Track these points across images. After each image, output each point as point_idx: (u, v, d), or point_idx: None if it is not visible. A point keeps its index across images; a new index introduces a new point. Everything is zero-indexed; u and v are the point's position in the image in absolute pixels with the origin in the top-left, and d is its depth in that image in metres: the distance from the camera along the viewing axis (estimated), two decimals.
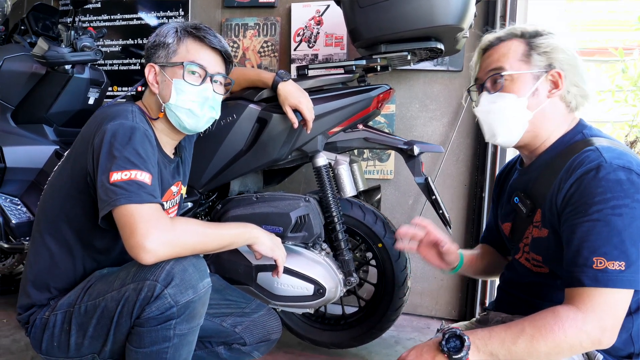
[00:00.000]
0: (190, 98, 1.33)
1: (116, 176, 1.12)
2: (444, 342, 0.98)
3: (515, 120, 1.12)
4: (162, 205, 1.20)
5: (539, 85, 1.10)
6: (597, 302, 0.93)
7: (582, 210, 0.96)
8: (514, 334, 0.96)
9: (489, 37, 1.18)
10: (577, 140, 1.09)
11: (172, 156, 1.44)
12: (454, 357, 0.96)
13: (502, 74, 1.12)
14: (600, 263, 0.93)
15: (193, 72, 1.33)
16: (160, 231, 1.11)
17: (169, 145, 1.42)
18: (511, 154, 2.35)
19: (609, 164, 0.96)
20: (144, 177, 1.15)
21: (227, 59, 1.41)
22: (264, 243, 1.39)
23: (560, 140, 1.12)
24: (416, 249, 1.34)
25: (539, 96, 1.10)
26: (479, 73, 1.20)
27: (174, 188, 1.44)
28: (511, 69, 1.11)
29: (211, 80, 1.36)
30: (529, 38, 1.11)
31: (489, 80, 1.14)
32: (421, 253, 1.34)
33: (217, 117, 1.43)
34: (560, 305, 0.97)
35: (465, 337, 0.96)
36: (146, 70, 1.35)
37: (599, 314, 0.92)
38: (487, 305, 1.38)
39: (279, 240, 1.45)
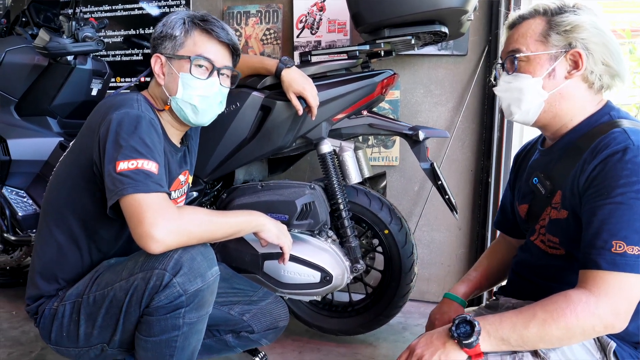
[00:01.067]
0: (197, 92, 1.32)
1: (123, 165, 1.12)
2: (454, 328, 0.97)
3: (530, 100, 1.11)
4: (169, 194, 1.20)
5: (557, 66, 1.08)
6: (611, 285, 0.91)
7: (605, 193, 0.94)
8: (525, 318, 0.95)
9: (514, 15, 1.16)
10: (603, 122, 1.06)
11: (179, 145, 1.44)
12: (464, 342, 0.95)
13: (517, 55, 1.11)
14: (620, 247, 0.91)
15: (200, 66, 1.33)
16: (167, 220, 1.11)
17: (176, 135, 1.42)
18: (517, 141, 2.34)
19: (636, 147, 0.94)
20: (151, 166, 1.15)
21: (234, 52, 1.40)
22: (270, 230, 1.39)
23: (586, 121, 1.09)
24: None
25: (556, 77, 1.08)
26: (501, 53, 1.19)
27: (181, 177, 1.44)
28: (527, 50, 1.10)
29: (218, 73, 1.35)
30: (551, 15, 1.09)
31: (508, 60, 1.14)
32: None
33: (222, 111, 1.43)
34: (573, 289, 0.96)
35: (476, 323, 0.95)
36: (152, 61, 1.34)
37: (612, 297, 0.91)
38: (495, 290, 1.37)
39: (285, 227, 1.45)
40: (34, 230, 2.22)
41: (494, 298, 1.33)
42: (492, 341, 0.96)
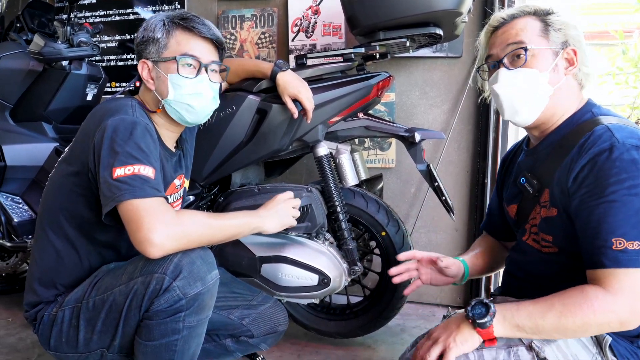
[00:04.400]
0: (188, 91, 1.31)
1: (119, 171, 1.12)
2: (469, 309, 0.99)
3: (538, 96, 1.11)
4: (167, 199, 1.19)
5: (558, 62, 1.10)
6: (625, 283, 0.92)
7: (598, 192, 0.96)
8: (542, 308, 0.96)
9: (500, 14, 1.16)
10: (586, 120, 1.08)
11: (173, 149, 1.43)
12: (477, 321, 0.97)
13: (526, 47, 1.09)
14: (620, 244, 0.93)
15: (188, 65, 1.31)
16: (166, 225, 1.11)
17: (170, 139, 1.42)
18: (512, 142, 2.34)
19: (621, 144, 0.96)
20: (147, 171, 1.15)
21: (219, 46, 1.38)
22: (271, 225, 1.39)
23: (570, 119, 1.11)
24: (420, 280, 1.36)
25: (559, 72, 1.10)
26: (492, 50, 1.17)
27: (176, 181, 1.44)
28: (532, 43, 1.10)
29: (206, 70, 1.34)
30: (543, 15, 1.11)
31: (509, 56, 1.12)
32: (425, 282, 1.36)
33: (217, 106, 1.42)
34: (587, 284, 0.97)
35: (491, 305, 0.97)
36: (139, 67, 1.33)
37: (628, 294, 0.92)
38: (492, 291, 1.38)
39: (282, 203, 1.44)
40: (30, 236, 2.21)
41: (491, 298, 1.33)
42: (506, 326, 0.97)
